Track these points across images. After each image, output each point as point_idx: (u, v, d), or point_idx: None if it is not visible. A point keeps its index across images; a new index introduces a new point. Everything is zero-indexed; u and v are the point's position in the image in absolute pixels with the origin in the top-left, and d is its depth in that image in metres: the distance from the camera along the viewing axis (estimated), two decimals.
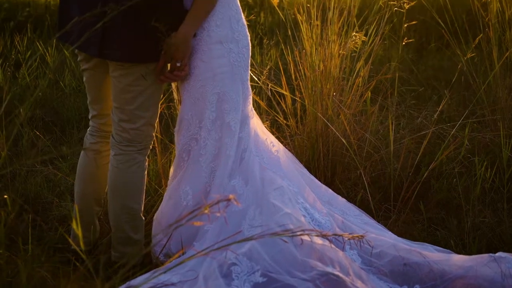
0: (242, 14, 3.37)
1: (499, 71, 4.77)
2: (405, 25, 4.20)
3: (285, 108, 4.36)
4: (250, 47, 3.40)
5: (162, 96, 3.41)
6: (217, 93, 3.28)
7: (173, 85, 3.58)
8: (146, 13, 3.05)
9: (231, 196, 2.02)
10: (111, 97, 3.31)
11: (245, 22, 3.36)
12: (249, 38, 3.39)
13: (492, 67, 4.86)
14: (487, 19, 4.87)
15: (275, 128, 4.51)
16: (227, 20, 3.25)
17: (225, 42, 3.26)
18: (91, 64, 3.37)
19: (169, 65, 3.22)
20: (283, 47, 4.69)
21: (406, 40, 4.18)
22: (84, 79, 3.46)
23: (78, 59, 3.44)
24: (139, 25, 3.09)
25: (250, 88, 3.46)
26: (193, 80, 3.28)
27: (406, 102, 5.38)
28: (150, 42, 3.13)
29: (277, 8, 4.85)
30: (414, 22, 4.45)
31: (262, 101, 4.41)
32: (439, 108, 4.24)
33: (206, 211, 2.02)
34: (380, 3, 4.24)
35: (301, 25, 4.18)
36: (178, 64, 3.17)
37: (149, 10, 3.06)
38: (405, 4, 4.01)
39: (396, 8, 4.18)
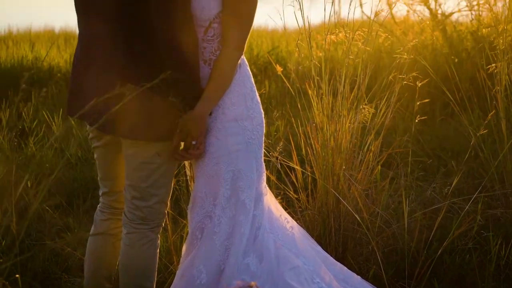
0: (256, 91, 3.37)
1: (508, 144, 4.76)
2: (418, 103, 4.20)
3: (295, 182, 4.33)
4: (264, 124, 3.39)
5: None
6: (231, 170, 3.26)
7: (186, 162, 3.56)
8: (163, 91, 3.04)
9: (253, 283, 1.99)
10: (124, 175, 3.28)
11: (259, 99, 3.37)
12: (263, 115, 3.39)
13: (500, 139, 4.85)
14: (494, 90, 4.88)
15: (285, 202, 4.47)
16: (242, 98, 3.26)
17: (240, 120, 3.26)
18: (103, 141, 3.35)
19: (182, 143, 3.21)
20: (292, 119, 4.68)
21: (419, 117, 4.18)
22: (95, 156, 3.43)
23: (90, 136, 3.42)
24: (155, 103, 3.08)
25: (264, 164, 3.44)
26: (207, 158, 3.27)
27: (414, 173, 5.36)
28: (166, 120, 3.12)
29: (282, 77, 4.87)
30: (426, 100, 4.47)
31: (272, 174, 4.39)
32: (452, 185, 4.21)
33: None
34: (390, 77, 4.25)
35: (311, 99, 4.18)
36: (194, 143, 3.16)
37: (166, 88, 3.05)
38: (418, 82, 4.03)
39: (405, 82, 4.19)
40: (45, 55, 9.15)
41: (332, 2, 4.31)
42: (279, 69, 4.91)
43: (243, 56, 3.28)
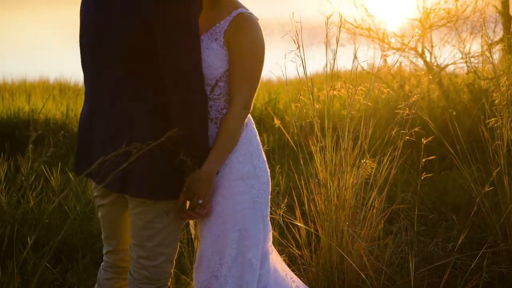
0: (262, 149, 3.37)
1: (510, 199, 4.76)
2: (423, 160, 4.20)
3: (298, 238, 4.30)
4: (270, 182, 3.38)
5: None
6: (238, 229, 3.24)
7: (191, 220, 3.53)
8: (170, 149, 3.03)
9: None
10: (130, 234, 3.25)
11: (265, 158, 3.36)
12: (269, 173, 3.37)
13: (503, 193, 4.84)
14: (494, 144, 4.89)
15: (288, 258, 4.43)
16: (249, 157, 3.25)
17: (247, 178, 3.24)
18: (108, 200, 3.33)
19: (188, 202, 3.18)
20: (293, 173, 4.66)
21: (425, 174, 4.18)
22: (100, 214, 3.40)
23: (94, 194, 3.39)
24: (163, 161, 3.06)
25: (270, 223, 3.42)
26: (214, 217, 3.24)
27: (416, 227, 5.34)
28: (174, 178, 3.10)
29: (282, 129, 4.87)
30: (432, 157, 4.47)
31: (274, 230, 4.36)
32: (458, 243, 4.19)
33: None
34: (393, 133, 4.26)
35: (314, 155, 4.17)
36: (200, 202, 3.13)
37: (174, 146, 3.04)
38: (423, 139, 4.03)
39: (408, 138, 4.20)
40: (41, 107, 9.13)
41: (327, 53, 4.33)
42: (277, 121, 4.92)
43: (249, 115, 3.28)
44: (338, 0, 9.05)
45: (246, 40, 3.16)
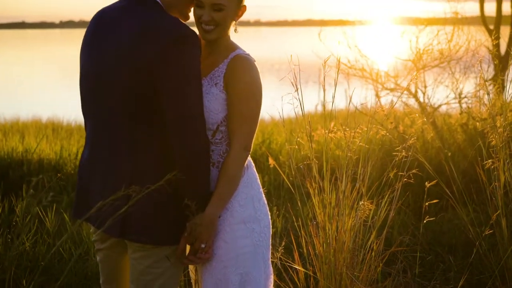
0: (263, 192, 3.36)
1: (508, 241, 4.75)
2: (426, 203, 4.20)
3: (296, 281, 4.27)
4: (271, 225, 3.37)
5: None
6: (240, 273, 3.22)
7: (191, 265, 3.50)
8: (170, 193, 3.02)
9: None
10: (129, 278, 3.22)
11: (265, 201, 3.35)
12: (269, 216, 3.37)
13: (500, 235, 4.83)
14: (491, 186, 4.89)
15: None
16: (250, 200, 3.24)
17: (248, 222, 3.23)
18: (107, 244, 3.30)
19: (189, 246, 3.16)
20: (288, 214, 4.64)
21: (427, 218, 4.17)
22: (98, 259, 3.38)
23: (93, 238, 3.37)
24: (163, 205, 3.05)
25: (271, 266, 3.40)
26: (215, 261, 3.22)
27: (413, 270, 5.32)
28: (174, 223, 3.09)
29: (278, 169, 4.86)
30: (435, 201, 4.47)
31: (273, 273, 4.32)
32: (457, 287, 4.16)
33: None
34: (391, 175, 4.26)
35: (313, 197, 4.16)
36: (203, 246, 3.11)
37: (174, 191, 3.03)
38: (427, 182, 4.03)
39: (406, 180, 4.19)
40: (35, 147, 9.11)
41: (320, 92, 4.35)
42: (272, 162, 4.91)
43: (249, 158, 3.28)
44: (331, 40, 9.13)
45: (243, 82, 3.17)
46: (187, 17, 3.25)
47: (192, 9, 3.25)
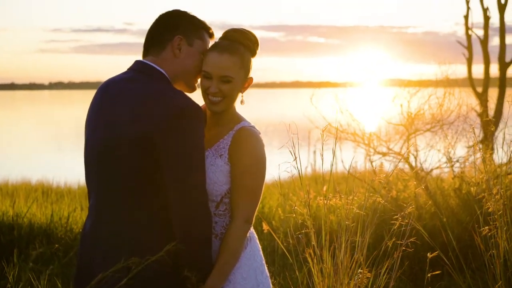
0: (265, 264, 3.33)
1: None
2: (429, 275, 4.16)
3: None
4: None
5: None
6: None
7: None
8: (172, 266, 2.99)
9: None
10: None
11: (268, 273, 3.32)
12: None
13: None
14: (488, 254, 4.85)
15: None
16: (252, 273, 3.21)
17: None
18: None
19: None
20: (289, 282, 4.60)
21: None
22: None
23: None
24: (164, 277, 3.01)
25: None
26: None
27: None
28: None
29: (273, 234, 4.82)
30: (437, 272, 4.44)
31: None
32: None
33: None
34: (389, 244, 4.23)
35: (312, 268, 4.12)
36: None
37: (174, 264, 3.00)
38: (429, 253, 4.01)
39: (404, 248, 4.17)
40: (26, 211, 9.03)
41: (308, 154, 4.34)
42: (266, 227, 4.88)
43: (252, 229, 3.25)
44: (321, 102, 9.19)
45: (247, 154, 3.17)
46: (194, 89, 3.26)
47: (199, 80, 3.26)
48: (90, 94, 3.80)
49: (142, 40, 3.28)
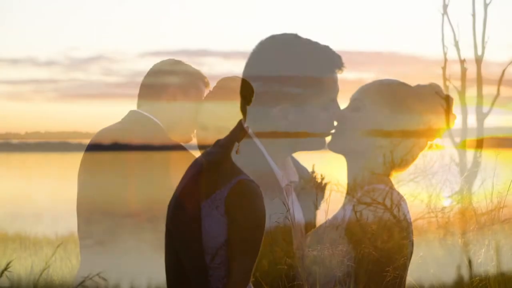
0: None
1: None
2: None
3: None
4: None
5: None
6: None
7: None
8: None
9: None
10: None
11: None
12: None
13: None
14: None
15: None
16: None
17: None
18: None
19: None
20: None
21: None
22: None
23: None
24: None
25: None
26: None
27: None
28: None
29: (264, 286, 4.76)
30: None
31: None
32: None
33: None
34: None
35: None
36: None
37: None
38: None
39: None
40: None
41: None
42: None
43: (250, 283, 3.21)
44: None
45: (245, 208, 3.13)
46: (190, 139, 3.25)
47: (195, 131, 3.24)
48: None
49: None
